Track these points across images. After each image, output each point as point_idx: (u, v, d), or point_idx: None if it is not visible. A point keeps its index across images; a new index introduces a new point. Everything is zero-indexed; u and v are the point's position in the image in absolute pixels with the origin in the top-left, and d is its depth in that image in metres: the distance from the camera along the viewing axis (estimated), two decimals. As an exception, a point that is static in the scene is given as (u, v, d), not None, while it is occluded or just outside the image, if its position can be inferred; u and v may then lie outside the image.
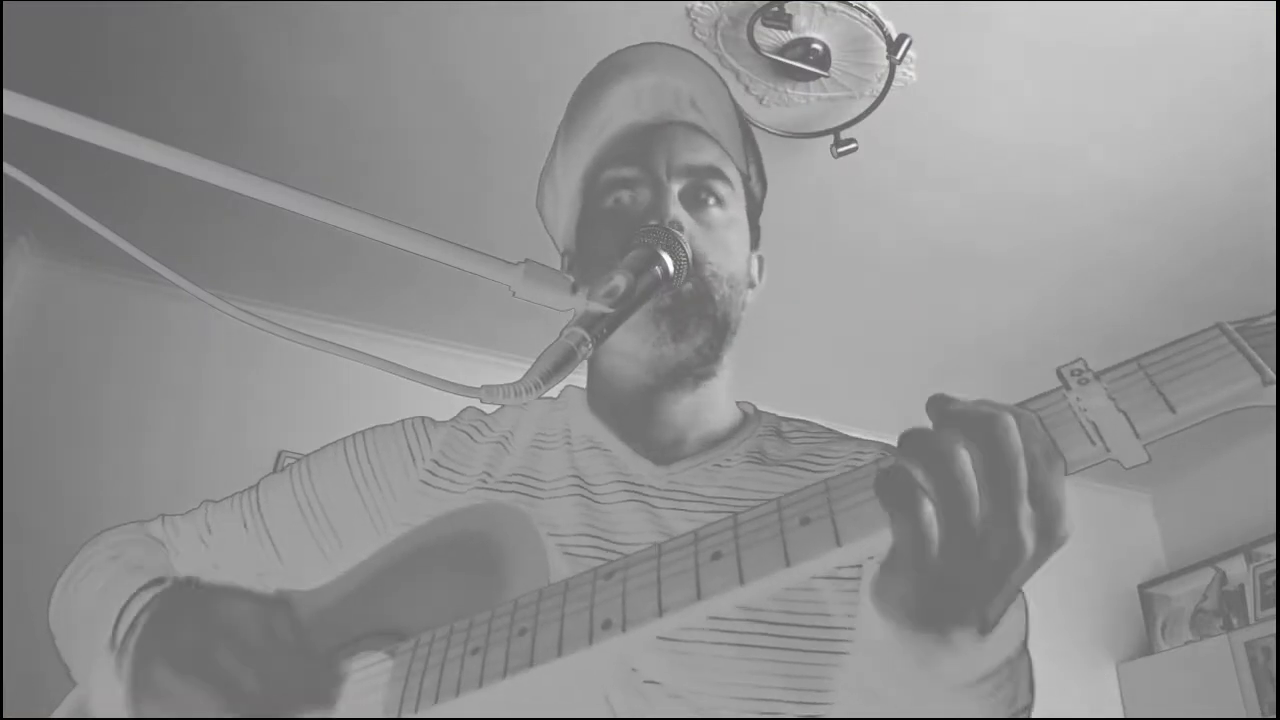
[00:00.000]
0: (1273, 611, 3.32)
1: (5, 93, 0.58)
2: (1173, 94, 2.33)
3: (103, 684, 0.72)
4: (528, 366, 0.70)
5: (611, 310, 0.74)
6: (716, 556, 0.57)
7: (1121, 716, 3.68)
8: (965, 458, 0.50)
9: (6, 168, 0.66)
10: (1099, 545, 3.91)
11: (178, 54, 2.39)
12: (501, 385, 0.67)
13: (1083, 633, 3.75)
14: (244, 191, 0.64)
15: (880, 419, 3.09)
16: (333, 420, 1.00)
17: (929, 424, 0.52)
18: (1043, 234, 2.80)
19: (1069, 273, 2.95)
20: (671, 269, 0.81)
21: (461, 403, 0.86)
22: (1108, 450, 0.52)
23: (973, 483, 0.49)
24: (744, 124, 0.98)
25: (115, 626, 0.73)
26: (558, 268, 1.00)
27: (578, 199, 0.98)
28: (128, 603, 0.75)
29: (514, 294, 0.72)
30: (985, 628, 0.53)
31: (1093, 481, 4.08)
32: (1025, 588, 0.56)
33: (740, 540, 0.56)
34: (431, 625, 0.68)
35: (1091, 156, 2.53)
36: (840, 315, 3.14)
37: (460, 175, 2.71)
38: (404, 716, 0.64)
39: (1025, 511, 0.49)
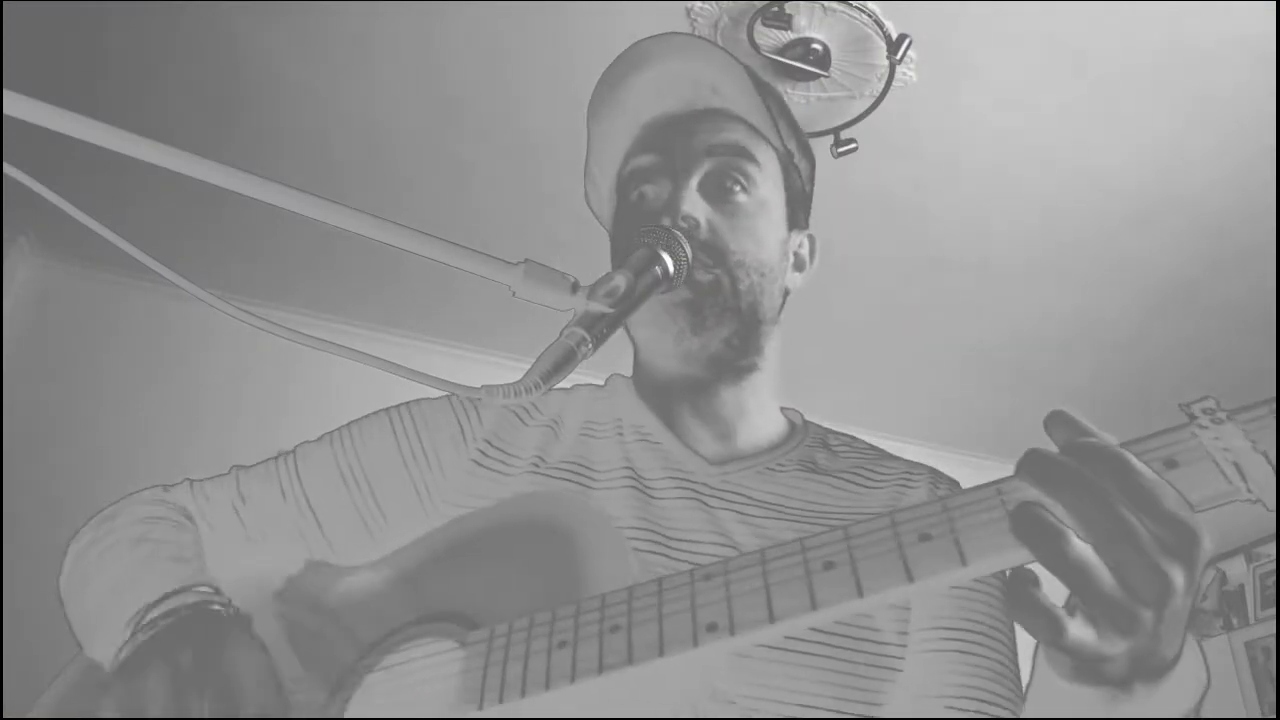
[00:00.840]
0: (1273, 611, 3.32)
1: (5, 93, 0.58)
2: (1175, 95, 2.33)
3: (104, 649, 0.73)
4: (526, 366, 0.70)
5: (611, 310, 0.74)
6: (829, 566, 0.56)
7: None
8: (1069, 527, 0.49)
9: (6, 168, 0.66)
10: (1099, 545, 3.91)
11: (177, 55, 2.39)
12: (501, 385, 0.67)
13: (1083, 633, 3.74)
14: (247, 192, 0.64)
15: (880, 419, 3.10)
16: (333, 420, 0.99)
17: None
18: (1044, 235, 2.80)
19: (1071, 275, 2.94)
20: (671, 268, 0.81)
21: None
22: (1249, 491, 0.51)
23: (1088, 557, 0.49)
24: (774, 102, 0.96)
25: (139, 615, 0.73)
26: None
27: (614, 194, 0.98)
28: (157, 601, 0.74)
29: (514, 294, 0.72)
30: (1163, 667, 0.53)
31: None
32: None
33: (854, 552, 0.56)
34: (501, 614, 0.66)
35: (1092, 157, 2.53)
36: (839, 315, 3.14)
37: (460, 175, 2.71)
38: (487, 706, 0.62)
39: (1154, 543, 0.49)
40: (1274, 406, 0.53)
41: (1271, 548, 3.42)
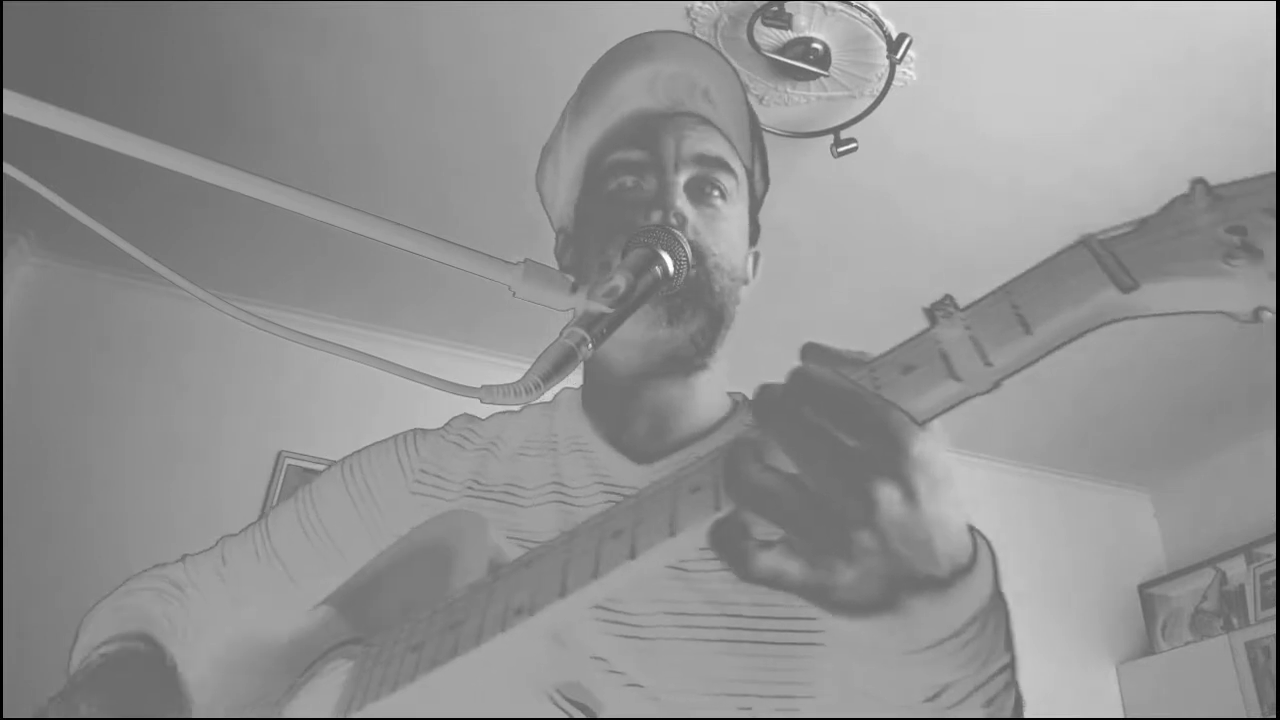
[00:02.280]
0: (1273, 611, 3.32)
1: (5, 93, 0.58)
2: (1175, 94, 2.33)
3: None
4: (525, 366, 0.70)
5: (611, 310, 0.74)
6: (617, 534, 0.57)
7: (1121, 716, 3.68)
8: (757, 473, 0.48)
9: (6, 168, 0.66)
10: (1099, 545, 3.91)
11: (168, 54, 2.40)
12: (501, 385, 0.67)
13: (1083, 633, 3.75)
14: (248, 193, 0.64)
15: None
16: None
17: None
18: (1045, 236, 2.79)
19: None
20: (671, 269, 0.81)
21: (459, 403, 0.86)
22: (959, 380, 0.50)
23: (770, 481, 0.48)
24: (754, 123, 0.99)
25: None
26: (554, 245, 1.02)
27: (580, 177, 0.98)
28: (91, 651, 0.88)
29: (514, 294, 0.72)
30: (938, 581, 0.49)
31: (1092, 481, 4.08)
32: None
33: (639, 515, 0.57)
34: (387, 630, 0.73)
35: (1093, 158, 2.52)
36: (841, 315, 3.14)
37: (451, 174, 2.71)
38: (353, 710, 0.68)
39: (853, 459, 0.47)
40: (1006, 290, 0.50)
41: (1271, 548, 3.42)
